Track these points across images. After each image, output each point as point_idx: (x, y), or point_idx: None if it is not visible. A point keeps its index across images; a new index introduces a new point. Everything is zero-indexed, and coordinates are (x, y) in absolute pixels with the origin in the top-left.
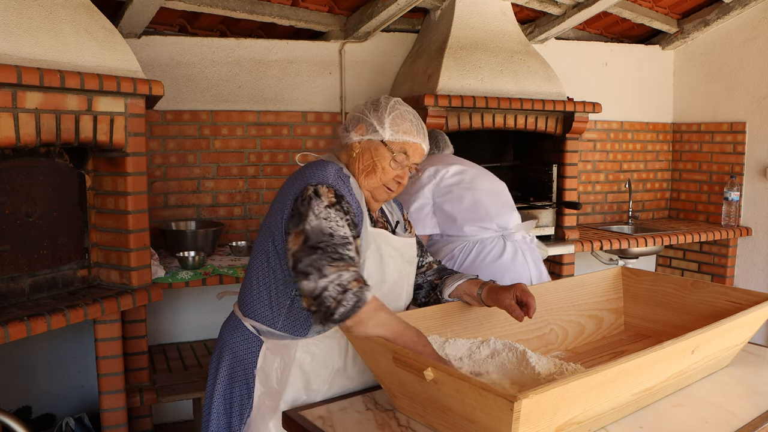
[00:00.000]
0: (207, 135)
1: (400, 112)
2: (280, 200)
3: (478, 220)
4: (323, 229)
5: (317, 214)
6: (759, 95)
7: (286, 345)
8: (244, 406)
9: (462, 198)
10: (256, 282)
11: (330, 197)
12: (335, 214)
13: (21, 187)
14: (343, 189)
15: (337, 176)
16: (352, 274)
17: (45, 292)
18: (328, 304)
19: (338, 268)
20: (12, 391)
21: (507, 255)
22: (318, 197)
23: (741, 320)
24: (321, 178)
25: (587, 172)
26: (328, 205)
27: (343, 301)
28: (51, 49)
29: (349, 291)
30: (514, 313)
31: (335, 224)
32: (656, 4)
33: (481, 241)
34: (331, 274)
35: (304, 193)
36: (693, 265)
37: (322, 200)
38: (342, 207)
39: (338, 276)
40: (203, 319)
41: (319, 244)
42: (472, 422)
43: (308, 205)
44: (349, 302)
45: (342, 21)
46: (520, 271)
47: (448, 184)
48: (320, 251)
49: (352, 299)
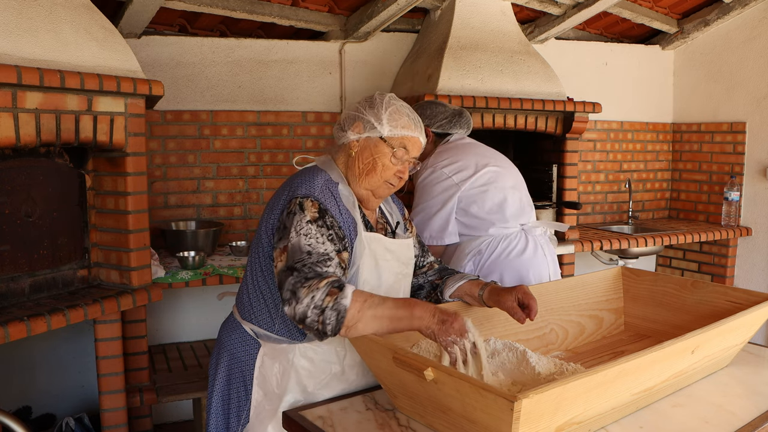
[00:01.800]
0: (207, 135)
1: (397, 107)
2: (270, 207)
3: (503, 220)
4: (302, 247)
5: (298, 230)
6: (759, 95)
7: (284, 350)
8: (242, 407)
9: (489, 199)
10: (253, 286)
11: (313, 212)
12: (316, 231)
13: (21, 187)
14: (328, 201)
15: (325, 187)
16: (324, 290)
17: (45, 292)
18: (316, 327)
19: (309, 289)
20: (12, 391)
21: (529, 250)
22: (302, 211)
23: (741, 320)
24: (307, 189)
25: (587, 172)
26: (311, 220)
27: (326, 321)
28: (51, 49)
29: (326, 309)
30: (516, 316)
31: (314, 241)
32: (656, 4)
33: (506, 236)
34: (304, 298)
35: (290, 206)
36: (693, 265)
37: (305, 215)
38: (325, 222)
39: (311, 299)
40: (203, 319)
41: (295, 264)
42: (472, 422)
43: (291, 219)
44: (332, 319)
45: (342, 21)
46: (541, 266)
47: (479, 184)
48: (296, 272)
49: (333, 315)
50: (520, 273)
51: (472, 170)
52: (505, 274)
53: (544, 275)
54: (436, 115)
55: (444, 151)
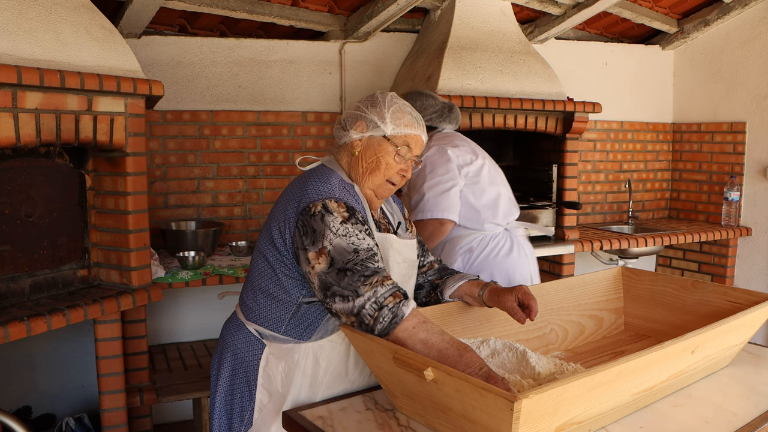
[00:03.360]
0: (207, 135)
1: (399, 106)
2: (281, 208)
3: (495, 216)
4: (346, 248)
5: (335, 231)
6: (759, 95)
7: (290, 349)
8: (245, 408)
9: (485, 192)
10: (259, 288)
11: (342, 212)
12: (353, 228)
13: (21, 187)
14: (351, 201)
15: (342, 187)
16: (388, 289)
17: (45, 292)
18: (367, 321)
19: (372, 285)
20: (12, 391)
21: (515, 251)
22: (330, 213)
23: (741, 320)
24: (327, 191)
25: (587, 172)
26: (343, 220)
27: (379, 318)
28: (51, 49)
29: (385, 308)
30: (516, 316)
31: (356, 239)
32: (656, 4)
33: (495, 236)
34: (367, 292)
35: (313, 209)
36: (693, 265)
37: (335, 216)
38: (357, 219)
39: (374, 293)
40: (203, 319)
41: (347, 264)
42: (472, 422)
43: (322, 222)
44: (385, 319)
45: (342, 21)
46: (524, 267)
47: (476, 171)
48: (350, 272)
49: (388, 316)
50: (507, 273)
51: (470, 158)
52: (495, 273)
53: (527, 276)
54: (426, 107)
55: (441, 138)
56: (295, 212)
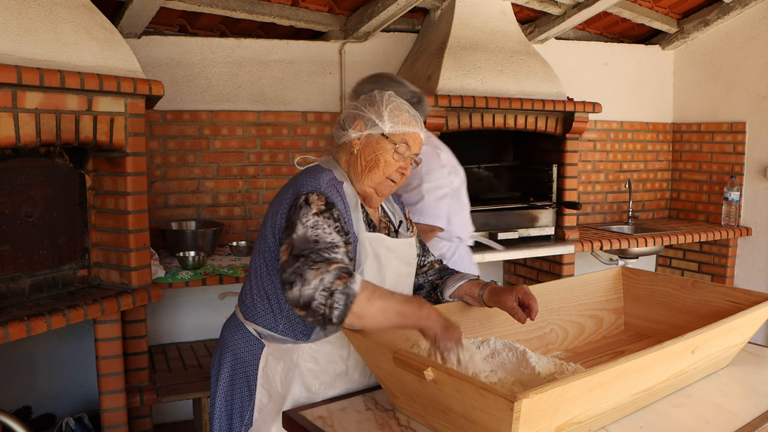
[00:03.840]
0: (207, 135)
1: (397, 104)
2: (275, 206)
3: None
4: (308, 238)
5: (304, 222)
6: (759, 95)
7: (288, 350)
8: (245, 408)
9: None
10: (257, 286)
11: (320, 205)
12: (323, 222)
13: (21, 187)
14: (334, 197)
15: (330, 183)
16: (334, 273)
17: (45, 292)
18: (322, 311)
19: (319, 271)
20: (12, 391)
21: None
22: (308, 205)
23: (741, 320)
24: (313, 186)
25: (587, 172)
26: (317, 212)
27: (333, 305)
28: (51, 49)
29: (335, 292)
30: (517, 316)
31: (321, 231)
32: (656, 4)
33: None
34: (313, 280)
35: (296, 202)
36: (693, 265)
37: (311, 208)
38: (332, 214)
39: (320, 281)
40: (203, 319)
41: (303, 252)
42: (472, 422)
43: (297, 214)
44: (340, 303)
45: (342, 21)
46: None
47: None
48: (303, 258)
49: (341, 299)
50: None
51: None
52: None
53: None
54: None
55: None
56: (287, 207)
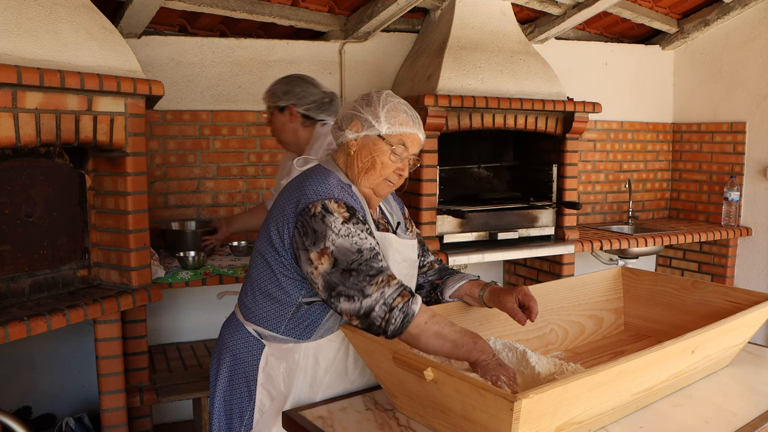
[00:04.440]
0: (207, 135)
1: (394, 104)
2: (279, 209)
3: None
4: (350, 248)
5: (337, 232)
6: (759, 95)
7: (290, 349)
8: (244, 408)
9: None
10: (258, 288)
11: (342, 212)
12: (355, 228)
13: (21, 187)
14: (351, 200)
15: (340, 187)
16: (396, 289)
17: (45, 292)
18: (378, 323)
19: (379, 286)
20: (12, 391)
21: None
22: (330, 213)
23: (741, 320)
24: (325, 192)
25: (587, 172)
26: (344, 220)
27: (391, 320)
28: (51, 49)
29: (395, 308)
30: (517, 317)
31: (358, 239)
32: (656, 4)
33: None
34: (374, 293)
35: (313, 210)
36: (693, 265)
37: (335, 216)
38: (358, 218)
39: (381, 294)
40: (203, 319)
41: (351, 265)
42: (472, 422)
43: (323, 222)
44: (397, 320)
45: (342, 21)
46: None
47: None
48: (355, 272)
49: (400, 317)
50: None
51: None
52: None
53: None
54: (305, 95)
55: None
56: (294, 213)
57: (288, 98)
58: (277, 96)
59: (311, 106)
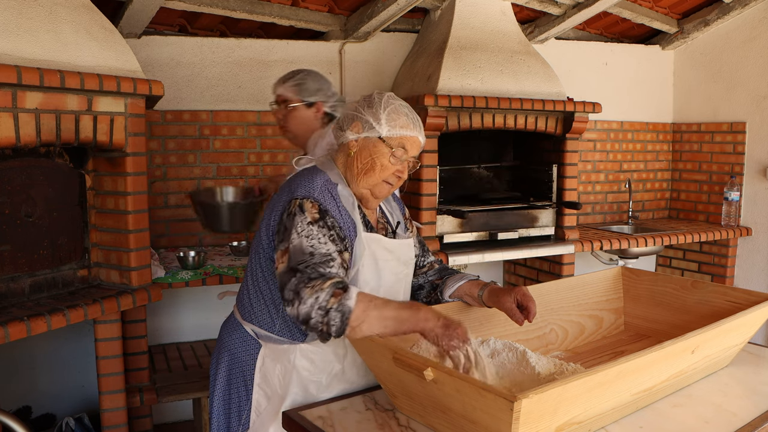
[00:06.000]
0: (207, 135)
1: (395, 106)
2: (271, 207)
3: None
4: (304, 248)
5: (299, 232)
6: (759, 95)
7: (285, 350)
8: (242, 408)
9: None
10: (253, 287)
11: (314, 213)
12: (318, 231)
13: (21, 187)
14: (328, 202)
15: (324, 187)
16: (328, 291)
17: (45, 292)
18: (320, 328)
19: (313, 290)
20: (12, 391)
21: None
22: (302, 212)
23: (741, 320)
24: (307, 190)
25: (587, 172)
26: (311, 221)
27: (330, 322)
28: (51, 49)
29: (330, 310)
30: (515, 317)
31: (317, 242)
32: (656, 4)
33: None
34: (308, 298)
35: (290, 207)
36: (693, 265)
37: (305, 216)
38: (326, 223)
39: (315, 299)
40: (203, 319)
41: (298, 265)
42: (472, 422)
43: (292, 221)
44: (336, 320)
45: (342, 21)
46: None
47: None
48: (299, 273)
49: (337, 316)
50: None
51: None
52: None
53: None
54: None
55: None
56: (281, 210)
57: (319, 95)
58: (309, 92)
59: (336, 105)
